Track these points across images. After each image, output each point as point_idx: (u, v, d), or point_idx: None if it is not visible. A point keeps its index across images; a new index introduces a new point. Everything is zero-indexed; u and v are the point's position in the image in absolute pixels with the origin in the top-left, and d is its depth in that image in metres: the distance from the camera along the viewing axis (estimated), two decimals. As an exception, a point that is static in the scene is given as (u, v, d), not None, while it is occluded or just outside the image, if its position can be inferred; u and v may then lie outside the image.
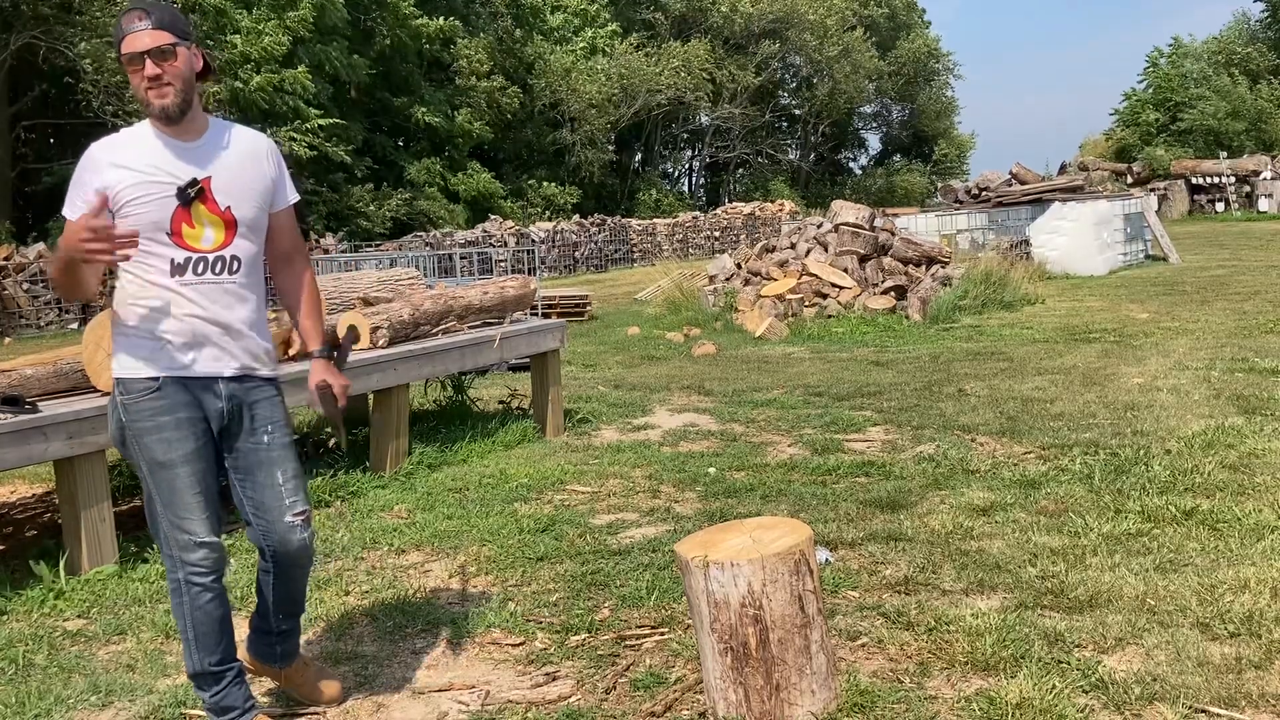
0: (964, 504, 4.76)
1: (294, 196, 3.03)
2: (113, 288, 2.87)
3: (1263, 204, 31.61)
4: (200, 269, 2.76)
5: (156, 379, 2.75)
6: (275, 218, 2.97)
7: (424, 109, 29.48)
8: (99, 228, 2.49)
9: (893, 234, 13.43)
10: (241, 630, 3.07)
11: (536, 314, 12.49)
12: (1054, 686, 2.91)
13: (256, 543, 2.94)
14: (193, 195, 2.74)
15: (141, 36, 2.66)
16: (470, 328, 6.60)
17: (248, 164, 2.87)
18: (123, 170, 2.70)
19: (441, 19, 30.03)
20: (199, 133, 2.80)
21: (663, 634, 3.50)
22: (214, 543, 2.78)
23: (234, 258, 2.81)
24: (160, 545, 2.84)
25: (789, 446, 6.19)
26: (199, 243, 2.76)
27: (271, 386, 2.94)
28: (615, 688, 3.14)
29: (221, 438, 2.86)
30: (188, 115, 2.75)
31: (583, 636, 3.53)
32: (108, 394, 4.13)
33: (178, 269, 2.75)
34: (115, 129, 2.96)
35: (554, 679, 3.25)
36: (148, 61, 2.66)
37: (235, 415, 2.85)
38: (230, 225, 2.80)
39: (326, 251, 21.55)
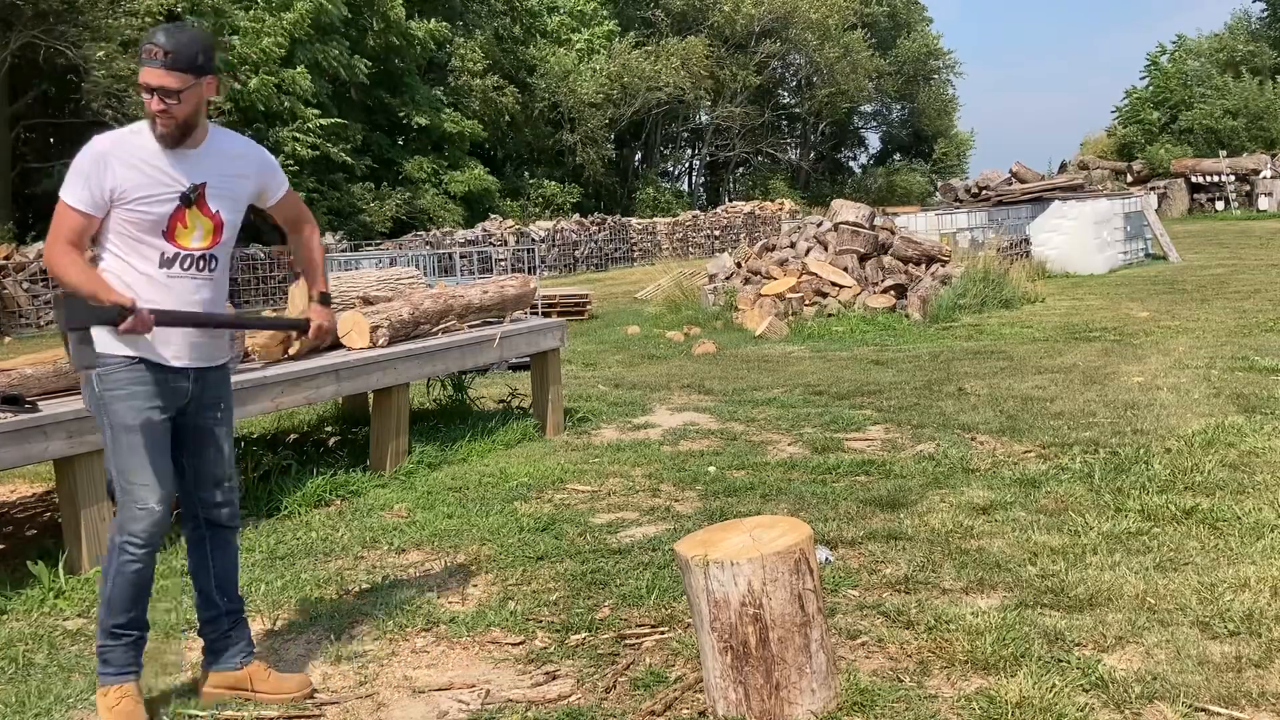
0: (964, 503, 4.76)
1: (287, 182, 3.33)
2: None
3: (1263, 203, 31.58)
4: (186, 264, 3.02)
5: (134, 358, 2.96)
6: (281, 201, 3.29)
7: (416, 109, 29.43)
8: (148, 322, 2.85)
9: (892, 233, 13.43)
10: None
11: (536, 313, 12.48)
12: (1054, 685, 2.92)
13: (191, 512, 3.19)
14: (193, 199, 2.99)
15: (156, 73, 2.85)
16: (470, 327, 6.59)
17: (238, 173, 3.12)
18: (132, 170, 2.92)
19: (431, 21, 29.90)
20: (198, 141, 3.03)
21: (663, 633, 3.50)
22: (159, 513, 2.95)
23: (213, 257, 3.07)
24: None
25: (789, 445, 6.19)
26: (189, 242, 3.01)
27: (225, 370, 3.24)
28: (615, 686, 3.15)
29: (178, 414, 3.09)
30: (187, 139, 2.97)
31: (583, 635, 3.53)
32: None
33: (166, 262, 2.99)
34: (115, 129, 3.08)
35: (554, 678, 3.25)
36: (155, 96, 2.87)
37: (195, 396, 3.10)
38: (218, 229, 3.06)
39: (326, 250, 21.50)
